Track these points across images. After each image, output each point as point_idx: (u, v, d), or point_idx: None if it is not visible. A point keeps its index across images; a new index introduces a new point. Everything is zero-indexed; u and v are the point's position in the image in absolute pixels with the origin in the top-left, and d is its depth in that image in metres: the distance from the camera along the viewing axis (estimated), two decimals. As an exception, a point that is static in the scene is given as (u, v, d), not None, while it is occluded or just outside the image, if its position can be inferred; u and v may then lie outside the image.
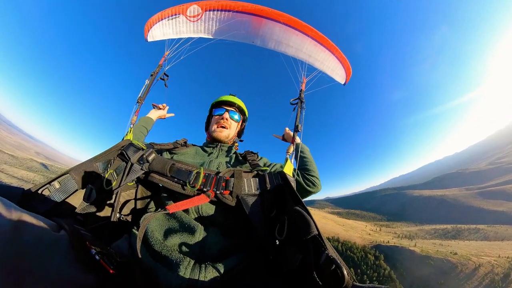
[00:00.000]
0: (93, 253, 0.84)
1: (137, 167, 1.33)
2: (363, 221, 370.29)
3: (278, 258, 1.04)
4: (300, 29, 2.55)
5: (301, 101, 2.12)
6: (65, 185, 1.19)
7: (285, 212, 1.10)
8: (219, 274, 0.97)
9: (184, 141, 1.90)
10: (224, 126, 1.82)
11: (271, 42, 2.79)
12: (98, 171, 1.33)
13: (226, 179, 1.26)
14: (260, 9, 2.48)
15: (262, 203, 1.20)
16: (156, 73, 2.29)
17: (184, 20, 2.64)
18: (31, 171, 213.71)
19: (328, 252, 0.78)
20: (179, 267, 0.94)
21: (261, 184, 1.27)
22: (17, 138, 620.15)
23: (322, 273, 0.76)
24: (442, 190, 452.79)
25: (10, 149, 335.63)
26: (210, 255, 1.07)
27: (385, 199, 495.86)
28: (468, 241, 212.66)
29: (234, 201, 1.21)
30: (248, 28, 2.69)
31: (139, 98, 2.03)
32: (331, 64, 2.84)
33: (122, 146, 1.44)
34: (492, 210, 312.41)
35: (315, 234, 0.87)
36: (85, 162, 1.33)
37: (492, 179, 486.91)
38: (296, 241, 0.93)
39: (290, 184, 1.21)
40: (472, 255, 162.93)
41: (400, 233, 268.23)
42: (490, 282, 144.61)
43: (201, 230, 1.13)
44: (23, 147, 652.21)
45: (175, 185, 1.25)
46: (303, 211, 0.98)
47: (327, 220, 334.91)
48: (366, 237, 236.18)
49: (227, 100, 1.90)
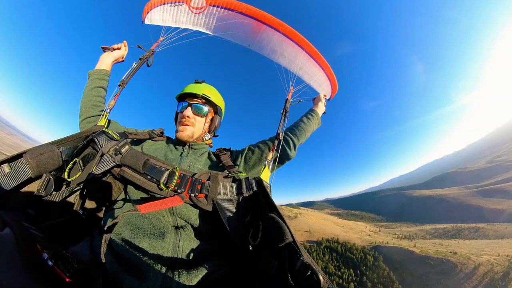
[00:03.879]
0: (45, 258, 0.71)
1: (109, 159, 1.18)
2: (363, 222, 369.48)
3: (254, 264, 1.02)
4: (297, 42, 2.56)
5: (286, 110, 2.09)
6: (16, 170, 0.99)
7: (260, 218, 1.09)
8: (194, 283, 0.90)
9: (161, 131, 1.77)
10: (187, 124, 1.60)
11: (266, 49, 2.79)
12: (60, 158, 1.14)
13: (202, 181, 1.20)
14: (263, 15, 2.46)
15: (238, 208, 1.17)
16: (146, 58, 2.15)
17: (187, 10, 2.57)
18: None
19: (303, 258, 0.77)
20: (148, 274, 0.86)
21: (238, 189, 1.24)
22: (15, 139, 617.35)
23: (298, 279, 0.76)
24: (442, 190, 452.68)
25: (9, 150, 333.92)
26: (184, 261, 1.00)
27: (385, 199, 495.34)
28: (468, 240, 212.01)
29: (210, 206, 1.16)
30: (247, 31, 2.66)
31: (122, 81, 1.87)
32: (319, 79, 2.88)
33: (94, 133, 1.27)
34: (491, 208, 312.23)
35: (290, 241, 0.86)
36: (45, 144, 1.12)
37: (491, 177, 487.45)
38: (271, 248, 0.92)
39: (266, 191, 1.18)
40: (472, 254, 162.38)
41: (400, 234, 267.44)
42: (490, 281, 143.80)
43: (174, 234, 1.05)
44: (21, 148, 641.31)
45: (148, 183, 1.15)
46: (278, 218, 0.96)
47: (327, 222, 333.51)
48: (366, 238, 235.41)
49: (189, 92, 1.62)
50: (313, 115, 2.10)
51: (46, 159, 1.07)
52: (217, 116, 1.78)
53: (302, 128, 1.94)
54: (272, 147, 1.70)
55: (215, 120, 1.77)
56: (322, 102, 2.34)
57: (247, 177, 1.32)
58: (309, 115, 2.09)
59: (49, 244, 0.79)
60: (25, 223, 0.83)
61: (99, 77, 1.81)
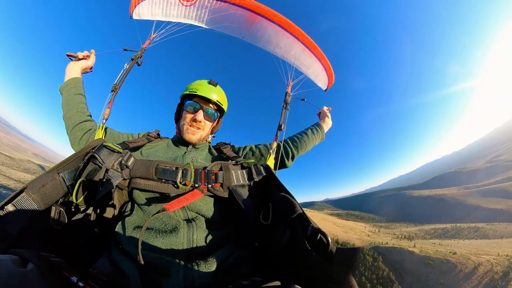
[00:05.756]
0: (74, 281, 0.73)
1: (116, 174, 1.17)
2: (363, 222, 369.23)
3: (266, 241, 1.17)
4: (292, 32, 2.54)
5: (286, 103, 2.19)
6: (21, 208, 0.96)
7: (269, 200, 1.24)
8: (212, 269, 0.97)
9: (157, 133, 1.78)
10: (198, 128, 1.59)
11: (261, 40, 2.75)
12: (63, 184, 1.08)
13: (214, 172, 1.27)
14: (257, 6, 2.41)
15: (250, 192, 1.29)
16: (138, 57, 2.07)
17: (177, 2, 2.48)
18: (29, 173, 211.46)
19: (313, 224, 0.94)
20: (170, 271, 0.92)
21: (249, 175, 1.34)
22: (14, 139, 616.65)
23: (310, 244, 0.91)
24: (441, 190, 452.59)
25: (8, 150, 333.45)
26: (199, 252, 1.06)
27: (384, 199, 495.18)
28: (467, 240, 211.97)
29: (226, 193, 1.25)
30: (241, 22, 2.60)
31: (114, 85, 1.81)
32: (316, 70, 2.87)
33: (93, 148, 1.23)
34: (491, 208, 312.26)
35: (300, 212, 1.02)
36: (44, 174, 1.07)
37: (490, 177, 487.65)
38: (284, 220, 1.07)
39: (275, 175, 1.32)
40: (472, 254, 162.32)
41: (399, 234, 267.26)
42: (489, 281, 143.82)
43: (187, 228, 1.11)
44: (20, 148, 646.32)
45: (163, 186, 1.19)
46: (288, 196, 1.12)
47: (327, 222, 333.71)
48: (365, 239, 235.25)
49: (204, 95, 1.57)
50: (319, 130, 2.12)
51: (50, 190, 1.03)
52: (221, 120, 1.81)
53: (305, 142, 1.98)
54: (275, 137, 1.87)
55: (220, 123, 1.81)
56: (329, 117, 2.31)
57: (256, 164, 1.43)
58: (314, 129, 2.10)
59: (73, 267, 0.81)
60: (44, 253, 0.84)
61: (73, 85, 1.72)
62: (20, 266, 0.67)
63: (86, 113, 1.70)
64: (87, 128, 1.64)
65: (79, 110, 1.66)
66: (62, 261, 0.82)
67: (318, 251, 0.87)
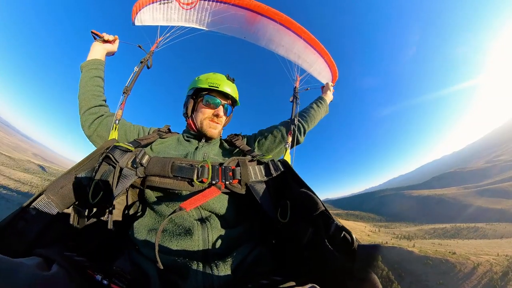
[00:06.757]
0: (99, 280, 0.75)
1: (130, 172, 1.16)
2: (362, 222, 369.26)
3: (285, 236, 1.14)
4: (293, 30, 2.53)
5: (296, 97, 2.28)
6: (42, 210, 0.98)
7: (287, 197, 1.17)
8: (232, 269, 0.94)
9: (168, 128, 1.76)
10: (218, 123, 1.60)
11: (263, 39, 2.75)
12: (81, 185, 1.09)
13: (231, 168, 1.24)
14: (256, 5, 2.40)
15: (268, 188, 1.25)
16: (147, 60, 2.14)
17: (177, 6, 2.50)
18: (29, 173, 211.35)
19: (337, 222, 0.90)
20: (188, 273, 0.90)
21: (266, 171, 1.30)
22: (14, 139, 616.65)
23: (333, 241, 0.88)
24: (441, 190, 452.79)
25: (7, 150, 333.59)
26: (217, 253, 1.02)
27: (384, 199, 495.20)
28: (467, 240, 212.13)
29: (243, 189, 1.22)
30: (242, 23, 2.60)
31: (126, 88, 1.84)
32: (319, 67, 2.86)
33: (107, 148, 1.23)
34: (490, 208, 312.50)
35: (322, 210, 0.99)
36: (62, 176, 1.09)
37: (490, 177, 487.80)
38: (306, 217, 1.03)
39: (294, 171, 1.27)
40: (471, 254, 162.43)
41: (399, 234, 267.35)
42: (489, 281, 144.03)
43: (201, 228, 1.06)
44: (20, 148, 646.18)
45: (180, 183, 1.17)
46: (309, 192, 1.08)
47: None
48: (365, 238, 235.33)
49: (226, 92, 1.57)
50: (322, 102, 2.21)
51: (68, 191, 1.05)
52: (232, 113, 1.82)
53: (312, 115, 2.07)
54: (289, 131, 1.86)
55: (231, 117, 1.82)
56: (330, 90, 2.41)
57: (273, 159, 1.38)
58: (318, 102, 2.20)
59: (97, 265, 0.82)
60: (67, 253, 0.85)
61: (95, 67, 1.73)
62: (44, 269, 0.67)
63: (102, 97, 1.70)
64: (99, 113, 1.64)
65: (95, 93, 1.67)
66: (84, 260, 0.83)
67: (340, 249, 0.85)
